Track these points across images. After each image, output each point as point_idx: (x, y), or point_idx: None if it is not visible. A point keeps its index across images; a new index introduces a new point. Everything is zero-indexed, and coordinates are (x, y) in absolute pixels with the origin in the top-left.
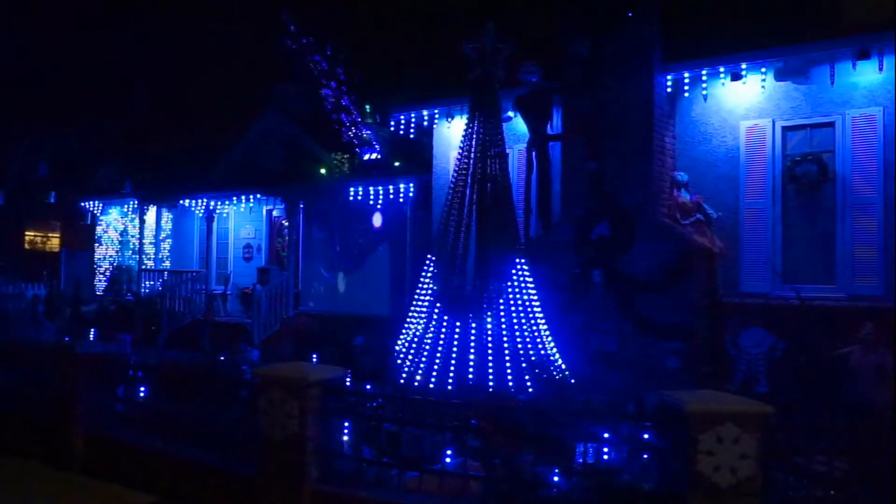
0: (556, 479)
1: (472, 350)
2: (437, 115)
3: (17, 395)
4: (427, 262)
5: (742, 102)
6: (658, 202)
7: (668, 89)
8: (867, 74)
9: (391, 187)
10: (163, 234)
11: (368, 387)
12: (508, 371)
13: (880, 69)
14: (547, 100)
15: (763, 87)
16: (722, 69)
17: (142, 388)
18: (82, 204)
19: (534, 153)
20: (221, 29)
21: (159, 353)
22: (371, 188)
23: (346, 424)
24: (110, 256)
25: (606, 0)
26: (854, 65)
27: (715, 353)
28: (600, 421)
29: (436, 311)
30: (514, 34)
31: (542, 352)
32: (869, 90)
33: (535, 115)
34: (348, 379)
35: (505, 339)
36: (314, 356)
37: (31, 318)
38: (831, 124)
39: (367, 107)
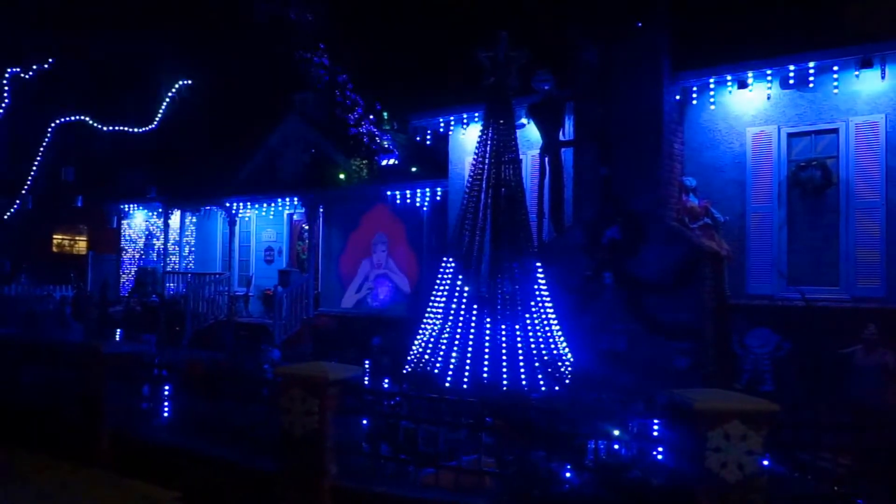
0: (568, 474)
1: (486, 349)
2: (452, 122)
3: (45, 394)
4: (443, 264)
5: (748, 110)
6: (667, 206)
7: (677, 97)
8: (870, 82)
9: (408, 192)
10: (186, 238)
11: (386, 385)
12: (522, 370)
13: (882, 77)
14: (559, 107)
15: (769, 94)
16: (729, 77)
17: (166, 387)
18: (108, 208)
19: (546, 159)
20: (244, 38)
21: (183, 353)
22: (388, 193)
23: (365, 422)
24: (135, 259)
25: (616, 10)
26: (857, 73)
27: (722, 353)
28: (611, 418)
29: (451, 311)
30: (527, 43)
31: (555, 351)
32: (871, 98)
33: (548, 121)
34: (366, 378)
35: (518, 338)
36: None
37: (59, 319)
38: (835, 131)
39: (385, 114)
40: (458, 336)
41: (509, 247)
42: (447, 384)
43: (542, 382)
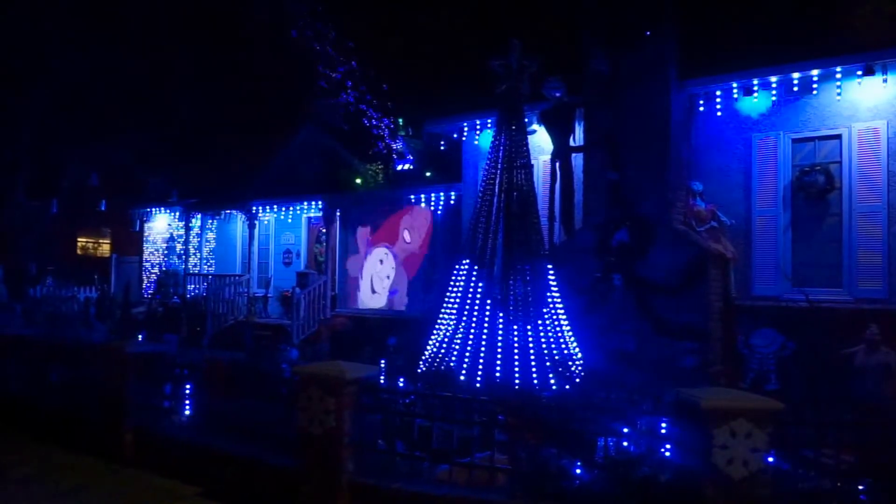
0: (578, 471)
1: (498, 349)
2: (466, 129)
3: (70, 393)
4: (457, 266)
5: (754, 116)
6: (674, 210)
7: (684, 104)
8: (872, 89)
9: (423, 196)
10: (207, 241)
11: (401, 384)
12: (533, 369)
13: (884, 84)
14: (570, 113)
15: (773, 101)
16: (735, 85)
17: (187, 386)
18: (131, 212)
19: (557, 164)
20: (263, 45)
21: (204, 353)
22: (404, 197)
23: (381, 420)
24: (158, 261)
25: (626, 20)
26: (859, 80)
27: (728, 353)
28: (620, 417)
29: (465, 312)
30: (539, 52)
31: (565, 351)
32: (873, 104)
33: (559, 128)
34: (382, 377)
35: (530, 338)
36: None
37: (84, 320)
38: (838, 136)
39: (401, 120)
40: (471, 336)
41: (521, 249)
42: (461, 380)
43: (553, 381)
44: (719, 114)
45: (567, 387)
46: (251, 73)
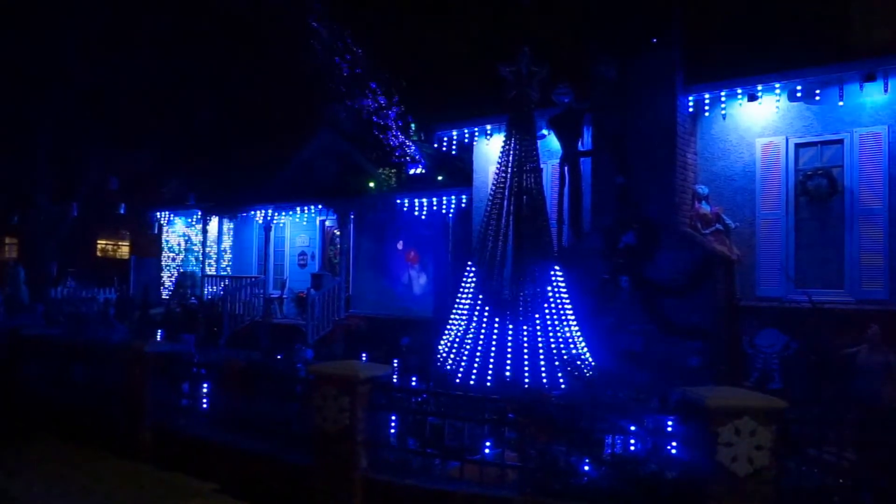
0: (586, 468)
1: (509, 349)
2: (476, 133)
3: (90, 391)
4: (468, 268)
5: (758, 121)
6: (680, 213)
7: (690, 109)
8: (873, 95)
9: (434, 199)
10: (224, 243)
11: (414, 383)
12: (542, 368)
13: (885, 90)
14: (578, 119)
15: (777, 107)
16: (739, 91)
17: (205, 385)
18: (150, 215)
19: (566, 168)
20: (279, 52)
21: (221, 353)
22: (416, 200)
23: (394, 418)
24: (176, 263)
25: (633, 27)
26: (861, 86)
27: (733, 353)
28: (627, 415)
29: (476, 313)
30: (548, 58)
31: (574, 351)
32: (875, 110)
33: (568, 132)
34: (395, 376)
35: (539, 339)
36: (364, 355)
37: (103, 321)
38: (840, 141)
39: (413, 125)
40: (482, 336)
41: (531, 252)
42: (471, 381)
43: (561, 380)
44: (724, 119)
45: (576, 386)
46: (269, 78)
